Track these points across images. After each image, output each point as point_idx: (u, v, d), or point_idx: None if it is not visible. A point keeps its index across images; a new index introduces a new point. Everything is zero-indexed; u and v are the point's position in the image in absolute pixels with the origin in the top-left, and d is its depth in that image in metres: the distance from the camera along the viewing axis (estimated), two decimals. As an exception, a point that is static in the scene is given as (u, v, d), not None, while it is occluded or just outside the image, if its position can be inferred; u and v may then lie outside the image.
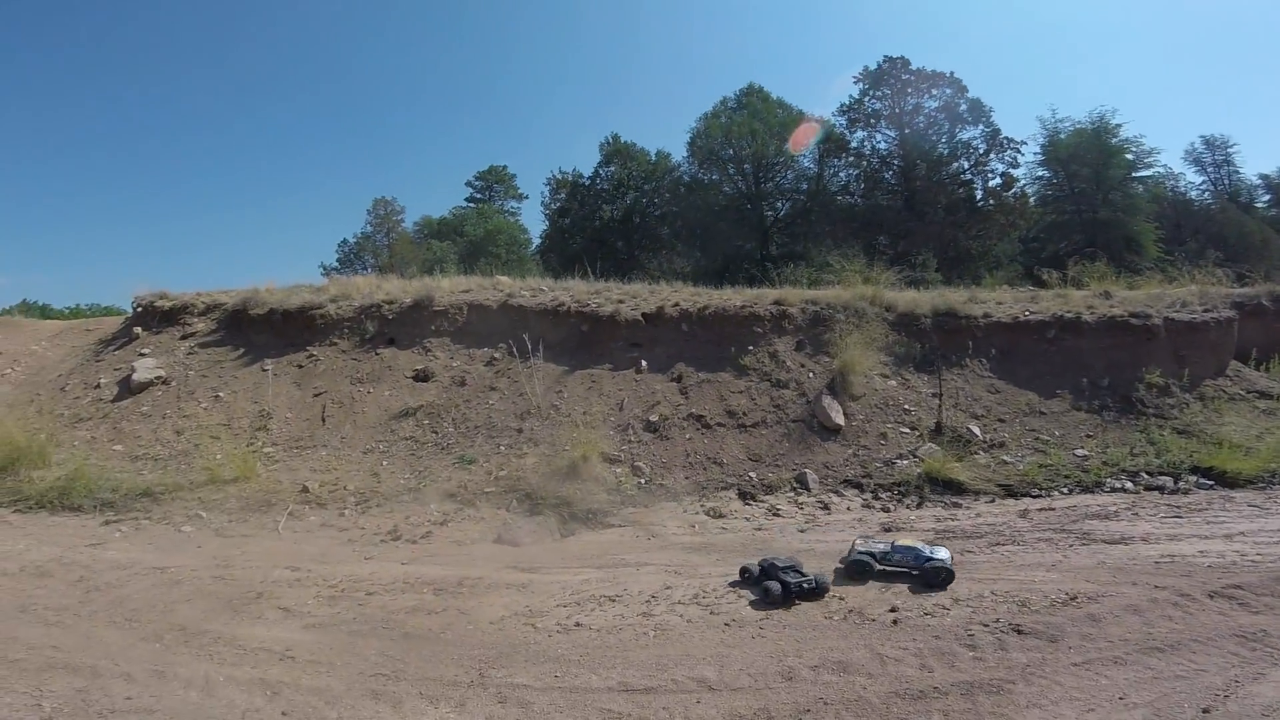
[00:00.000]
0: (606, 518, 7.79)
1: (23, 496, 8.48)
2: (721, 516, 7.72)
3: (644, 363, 10.55)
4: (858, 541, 5.95)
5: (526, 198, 43.18)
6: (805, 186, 29.15)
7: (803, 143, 28.14)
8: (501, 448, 9.50)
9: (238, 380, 11.04)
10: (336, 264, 36.44)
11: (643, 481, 8.50)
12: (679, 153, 31.96)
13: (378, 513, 8.18)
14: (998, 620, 4.94)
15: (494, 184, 42.59)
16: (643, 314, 11.16)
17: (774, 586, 5.37)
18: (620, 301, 11.82)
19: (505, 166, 43.04)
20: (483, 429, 9.95)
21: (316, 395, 10.70)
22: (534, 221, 41.88)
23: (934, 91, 28.55)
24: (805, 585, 5.39)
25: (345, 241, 39.62)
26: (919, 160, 27.96)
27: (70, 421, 10.45)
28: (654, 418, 9.44)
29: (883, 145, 29.44)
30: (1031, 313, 11.16)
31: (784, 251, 26.13)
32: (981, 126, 27.99)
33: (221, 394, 10.75)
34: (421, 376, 11.14)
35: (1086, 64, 76.03)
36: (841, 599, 5.39)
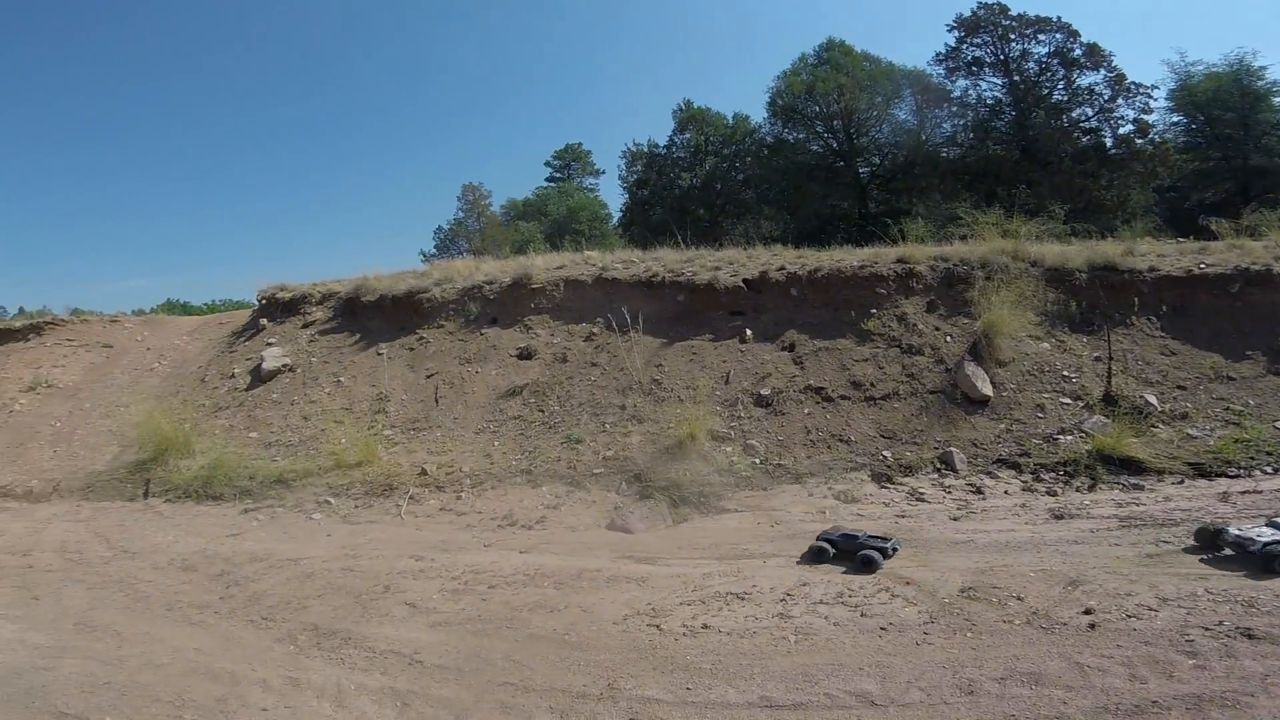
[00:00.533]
0: (720, 501, 7.33)
1: (171, 486, 9.08)
2: (855, 501, 7.04)
3: (748, 331, 9.90)
4: (1233, 529, 5.14)
5: (604, 173, 42.86)
6: (903, 140, 26.89)
7: None
8: (606, 426, 9.23)
9: (356, 365, 11.38)
10: (434, 250, 37.66)
11: (757, 461, 7.94)
12: (756, 114, 30.59)
13: (492, 495, 8.15)
14: (1220, 623, 4.15)
15: (571, 162, 42.44)
16: (744, 280, 10.46)
17: (875, 556, 5.31)
18: (716, 268, 11.18)
19: (580, 144, 42.90)
20: (587, 406, 9.72)
21: (429, 377, 10.85)
22: (612, 196, 41.51)
23: (1041, 37, 25.59)
24: (894, 548, 5.52)
25: (440, 228, 40.90)
26: (1036, 107, 25.20)
27: (210, 411, 11.12)
28: (765, 391, 8.79)
29: (989, 93, 26.72)
30: (1207, 265, 9.50)
31: (885, 208, 24.27)
32: (1103, 71, 24.72)
33: (342, 379, 11.12)
34: (525, 354, 11.05)
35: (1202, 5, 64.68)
36: (1020, 599, 4.66)
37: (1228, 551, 5.09)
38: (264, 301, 13.99)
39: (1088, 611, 4.40)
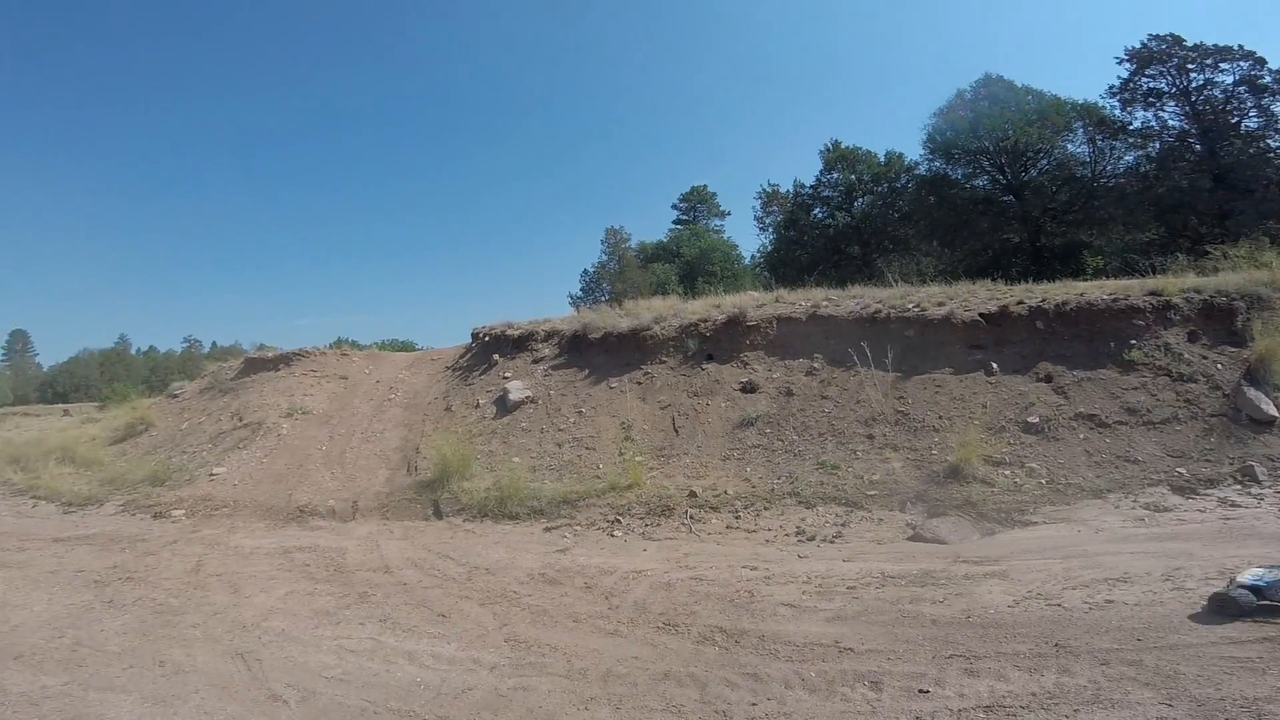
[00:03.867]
0: (1024, 516, 7.62)
1: (464, 506, 9.96)
2: (1166, 510, 7.27)
3: (994, 364, 10.21)
4: None
5: (729, 214, 44.20)
6: (1079, 174, 26.80)
7: None
8: (858, 453, 9.70)
9: (592, 397, 12.48)
10: (581, 293, 39.87)
11: (1043, 482, 8.19)
12: (909, 152, 31.13)
13: (769, 515, 8.70)
14: None
15: (697, 204, 44.10)
16: (979, 314, 10.83)
17: None
18: (940, 304, 11.59)
19: (706, 185, 44.54)
20: (829, 436, 10.24)
21: (663, 408, 11.76)
22: (740, 236, 42.84)
23: (1224, 65, 25.56)
24: None
25: (586, 271, 43.26)
26: (1228, 135, 24.82)
27: (466, 438, 12.35)
28: (1033, 419, 9.07)
29: (1174, 123, 26.66)
30: None
31: (1063, 242, 24.06)
32: None
33: (583, 410, 12.22)
34: (748, 388, 11.77)
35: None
36: None
37: None
38: (486, 339, 15.49)
39: None
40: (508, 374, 13.83)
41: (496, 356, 14.58)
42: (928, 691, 4.16)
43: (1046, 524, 7.38)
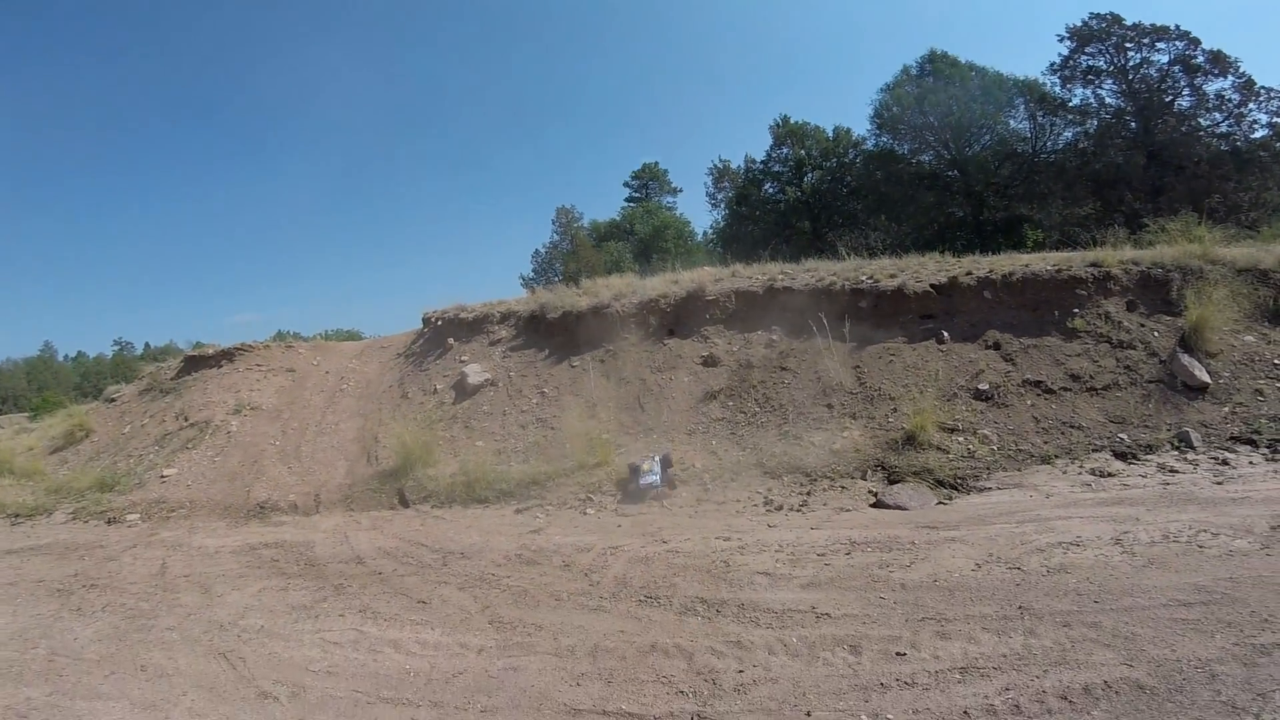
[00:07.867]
0: (978, 482, 8.01)
1: (430, 493, 9.91)
2: (1110, 475, 7.69)
3: (945, 333, 10.62)
4: None
5: (681, 191, 43.99)
6: (1020, 149, 27.75)
7: None
8: (819, 424, 9.99)
9: (554, 377, 12.41)
10: (533, 274, 39.18)
11: (995, 448, 8.63)
12: (856, 127, 31.46)
13: (736, 487, 8.87)
14: None
15: (649, 181, 43.61)
16: (931, 285, 11.20)
17: None
18: (893, 276, 11.94)
19: (657, 163, 44.10)
20: (789, 406, 10.49)
21: (627, 385, 11.80)
22: (692, 212, 42.79)
23: (1159, 45, 26.61)
24: None
25: (538, 251, 42.31)
26: (1162, 114, 25.87)
27: (426, 424, 12.09)
28: (983, 386, 9.50)
29: (1111, 101, 27.63)
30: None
31: (1005, 216, 24.98)
32: (1230, 77, 25.46)
33: (545, 390, 12.15)
34: (709, 362, 11.92)
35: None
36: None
37: None
38: (439, 323, 15.13)
39: None
40: (464, 357, 13.59)
41: (451, 340, 14.28)
42: (904, 654, 4.38)
43: (1001, 490, 7.77)
